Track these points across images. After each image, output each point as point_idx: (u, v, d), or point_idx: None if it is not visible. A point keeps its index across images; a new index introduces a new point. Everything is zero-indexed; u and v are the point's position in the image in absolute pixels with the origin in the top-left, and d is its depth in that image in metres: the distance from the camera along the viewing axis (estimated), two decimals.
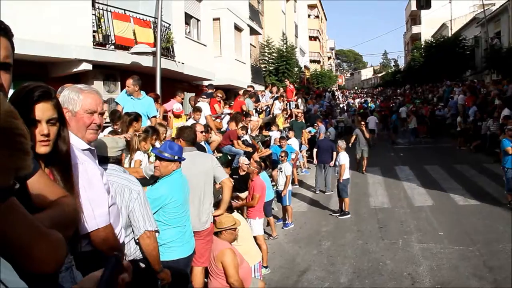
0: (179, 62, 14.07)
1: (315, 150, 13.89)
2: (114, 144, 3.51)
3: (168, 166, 4.36)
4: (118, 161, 3.57)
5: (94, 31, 10.88)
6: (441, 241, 8.65)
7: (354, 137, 16.45)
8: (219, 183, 5.43)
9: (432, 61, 36.74)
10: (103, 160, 3.37)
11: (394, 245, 8.62)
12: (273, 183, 10.81)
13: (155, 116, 8.00)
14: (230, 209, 6.62)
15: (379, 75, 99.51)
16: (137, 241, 3.43)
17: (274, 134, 14.08)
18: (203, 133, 8.16)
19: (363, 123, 16.88)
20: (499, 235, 8.76)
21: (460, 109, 22.92)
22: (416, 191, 12.78)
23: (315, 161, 13.81)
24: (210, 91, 12.65)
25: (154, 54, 11.45)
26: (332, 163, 12.72)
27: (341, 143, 11.73)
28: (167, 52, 13.51)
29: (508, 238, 8.57)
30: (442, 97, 28.86)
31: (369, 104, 37.79)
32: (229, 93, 18.66)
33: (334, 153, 12.52)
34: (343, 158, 11.19)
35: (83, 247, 2.58)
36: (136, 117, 6.52)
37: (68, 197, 1.86)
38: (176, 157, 4.36)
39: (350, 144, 15.27)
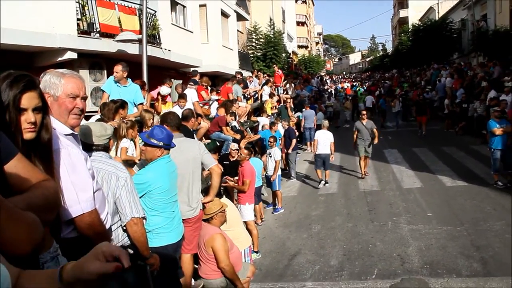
0: (165, 49, 13.93)
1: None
2: (102, 132, 3.48)
3: (153, 152, 4.32)
4: (106, 148, 3.54)
5: (78, 19, 10.71)
6: (429, 222, 8.75)
7: (355, 133, 13.11)
8: (208, 170, 5.40)
9: (419, 44, 36.78)
10: (90, 147, 3.35)
11: (384, 227, 8.69)
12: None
13: (142, 103, 7.94)
14: (218, 195, 6.64)
15: (367, 59, 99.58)
16: (125, 228, 3.42)
17: (263, 120, 14.06)
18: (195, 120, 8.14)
19: (364, 113, 13.67)
20: (486, 215, 8.88)
21: (448, 92, 23.01)
22: (404, 173, 12.88)
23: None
24: (195, 78, 12.55)
25: (140, 41, 11.32)
26: (290, 150, 13.15)
27: (325, 122, 13.61)
28: (153, 39, 13.37)
29: (495, 217, 8.69)
30: (429, 81, 28.91)
31: (358, 89, 37.83)
32: (217, 79, 18.57)
33: (294, 141, 13.15)
34: (318, 134, 12.83)
35: (68, 233, 2.57)
36: (122, 104, 6.46)
37: (49, 180, 1.85)
38: (161, 144, 4.32)
39: (353, 145, 13.23)
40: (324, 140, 12.44)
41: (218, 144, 10.50)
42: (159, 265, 3.58)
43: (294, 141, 13.11)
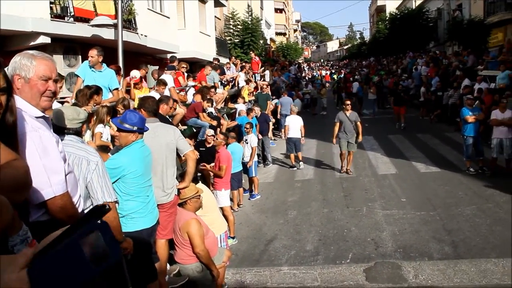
0: (141, 34, 13.74)
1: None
2: (75, 116, 3.43)
3: (127, 137, 4.28)
4: (78, 133, 3.49)
5: (51, 3, 10.46)
6: (403, 207, 8.90)
7: (337, 125, 11.93)
8: (183, 156, 5.38)
9: (396, 33, 37.04)
10: (62, 130, 3.30)
11: (359, 212, 8.82)
12: None
13: (117, 89, 7.83)
14: (194, 180, 6.63)
15: (345, 47, 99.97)
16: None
17: (240, 107, 14.03)
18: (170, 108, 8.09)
19: (348, 103, 12.15)
20: (458, 200, 9.08)
21: (423, 80, 23.30)
22: (380, 160, 13.04)
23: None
24: (173, 64, 12.44)
25: (115, 26, 11.14)
26: (270, 134, 13.94)
27: (294, 107, 14.17)
28: (129, 24, 13.17)
29: (466, 202, 8.90)
30: (406, 69, 29.26)
31: (334, 76, 38.06)
32: (194, 66, 18.43)
33: (270, 124, 13.99)
34: (288, 120, 13.36)
35: (39, 216, 2.53)
36: (97, 90, 6.38)
37: (18, 160, 1.81)
38: (135, 128, 4.28)
39: (334, 139, 12.16)
40: (294, 125, 13.08)
41: (195, 130, 10.45)
42: (132, 249, 3.57)
43: (270, 124, 13.64)
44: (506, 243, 6.87)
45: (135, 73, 10.25)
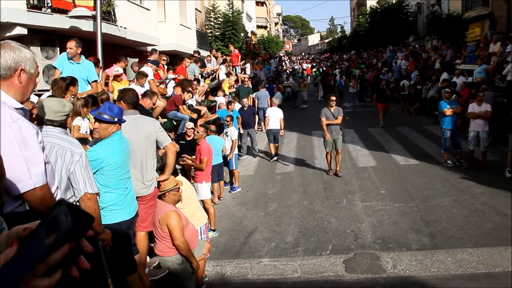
0: (121, 27, 13.57)
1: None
2: (60, 108, 3.41)
3: (108, 128, 4.24)
4: (62, 125, 3.47)
5: None
6: (382, 199, 9.01)
7: (324, 120, 10.94)
8: (163, 148, 5.35)
9: (377, 27, 37.22)
10: (45, 122, 3.29)
11: (338, 205, 8.90)
12: None
13: (96, 81, 7.74)
14: (174, 173, 6.60)
15: (326, 41, 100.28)
16: (78, 203, 3.36)
17: (220, 99, 14.01)
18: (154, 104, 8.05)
19: (333, 99, 11.15)
20: (436, 192, 9.23)
21: (403, 73, 23.53)
22: (360, 152, 13.15)
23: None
24: (153, 57, 12.30)
25: (94, 18, 10.97)
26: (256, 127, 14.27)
27: (275, 100, 14.63)
28: (108, 16, 12.97)
29: (444, 194, 9.05)
30: (386, 62, 29.48)
31: (314, 70, 38.22)
32: (175, 58, 18.29)
33: (256, 117, 14.28)
34: (268, 111, 13.54)
35: (16, 207, 2.51)
36: (72, 81, 6.29)
37: None
38: (115, 119, 4.25)
39: (327, 134, 10.91)
40: (274, 117, 13.24)
41: (175, 123, 10.40)
42: (111, 240, 3.55)
43: (256, 116, 13.98)
44: (481, 233, 7.04)
45: (118, 68, 10.15)
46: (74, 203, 3.37)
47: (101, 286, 3.48)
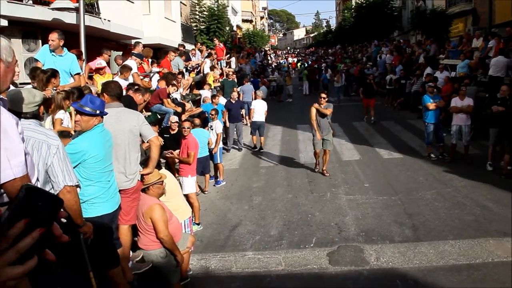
0: (104, 19, 13.41)
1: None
2: (31, 99, 3.34)
3: (90, 121, 4.19)
4: (35, 116, 3.41)
5: None
6: (366, 192, 9.07)
7: (313, 116, 10.35)
8: (147, 142, 5.31)
9: (362, 21, 37.34)
10: (18, 115, 3.21)
11: (323, 198, 8.94)
12: None
13: (78, 74, 7.66)
14: (157, 166, 6.57)
15: (311, 35, 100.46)
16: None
17: (205, 93, 13.95)
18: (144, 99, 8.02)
19: (324, 96, 10.49)
20: (419, 185, 9.33)
21: (388, 68, 23.69)
22: (344, 146, 13.21)
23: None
24: (137, 50, 12.19)
25: (77, 10, 10.83)
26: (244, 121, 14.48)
27: (259, 93, 14.97)
28: (92, 8, 12.80)
29: (426, 187, 9.14)
30: (370, 57, 29.63)
31: (299, 64, 38.29)
32: (159, 52, 18.16)
33: (243, 110, 14.43)
34: (254, 104, 13.96)
35: None
36: (53, 73, 6.21)
37: None
38: (97, 112, 4.20)
39: (318, 134, 10.20)
40: (259, 109, 13.66)
41: (159, 116, 10.34)
42: (92, 233, 3.52)
43: (243, 110, 14.13)
44: (463, 225, 7.14)
45: (101, 61, 10.02)
46: None
47: (83, 279, 3.46)
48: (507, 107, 9.56)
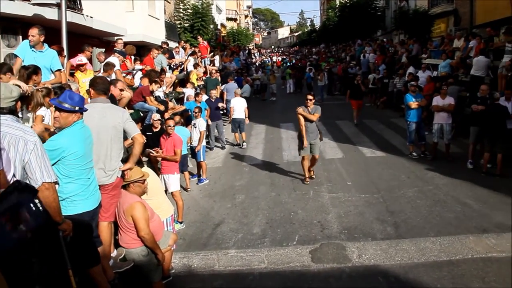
0: (87, 16, 13.26)
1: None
2: (7, 94, 3.28)
3: (69, 117, 4.13)
4: (12, 111, 3.35)
5: None
6: (349, 190, 9.12)
7: (301, 121, 9.67)
8: (131, 139, 5.25)
9: (345, 21, 37.51)
10: None
11: (305, 196, 8.95)
12: None
13: (59, 70, 7.55)
14: (140, 163, 6.51)
15: (296, 34, 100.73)
16: None
17: (188, 91, 13.89)
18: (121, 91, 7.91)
19: (310, 98, 9.87)
20: (401, 183, 9.40)
21: (371, 67, 23.84)
22: (327, 144, 13.22)
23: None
24: (119, 47, 12.06)
25: (58, 6, 10.68)
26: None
27: (237, 90, 15.03)
28: (74, 4, 12.64)
29: (408, 185, 9.22)
30: (354, 56, 29.75)
31: (282, 63, 38.41)
32: (143, 50, 18.01)
33: (221, 104, 14.19)
34: (233, 102, 14.09)
35: None
36: (35, 70, 6.12)
37: None
38: (76, 108, 4.14)
39: (305, 141, 9.54)
40: (238, 106, 13.84)
41: (142, 114, 10.26)
42: (71, 231, 3.47)
43: (221, 104, 14.05)
44: (443, 222, 7.24)
45: (82, 58, 9.89)
46: None
47: (62, 277, 3.41)
48: (486, 106, 9.69)
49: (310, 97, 9.94)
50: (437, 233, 6.83)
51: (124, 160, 5.32)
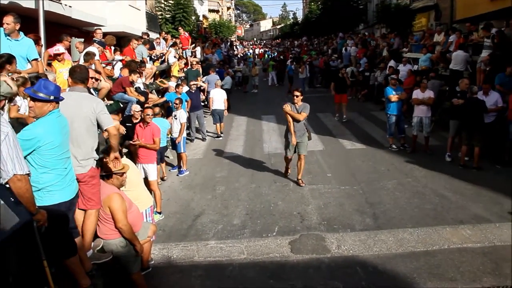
0: (65, 5, 13.02)
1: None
2: None
3: (44, 107, 4.04)
4: None
5: None
6: (329, 182, 9.17)
7: (289, 118, 9.23)
8: (104, 131, 5.16)
9: (328, 14, 37.60)
10: None
11: (286, 187, 8.98)
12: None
13: (36, 59, 7.39)
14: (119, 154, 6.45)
15: (278, 26, 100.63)
16: (7, 185, 3.20)
17: (170, 83, 13.78)
18: (92, 79, 7.81)
19: (297, 94, 9.37)
20: (380, 175, 9.49)
21: (352, 60, 23.94)
22: None
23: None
24: (99, 37, 11.87)
25: None
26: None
27: (218, 82, 14.97)
28: None
29: (388, 177, 9.31)
30: (336, 49, 29.84)
31: (266, 55, 38.36)
32: (123, 40, 17.79)
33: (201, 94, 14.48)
34: (212, 93, 14.20)
35: None
36: (9, 59, 5.97)
37: None
38: (52, 97, 4.05)
39: (293, 138, 9.04)
40: (218, 97, 13.95)
41: (122, 105, 10.14)
42: (46, 221, 3.42)
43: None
44: (421, 214, 7.34)
45: (59, 47, 9.70)
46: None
47: (37, 268, 3.36)
48: (466, 100, 9.81)
49: (297, 93, 9.36)
50: (415, 224, 6.92)
51: (103, 152, 5.26)
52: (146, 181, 7.81)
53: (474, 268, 5.59)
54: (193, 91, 13.50)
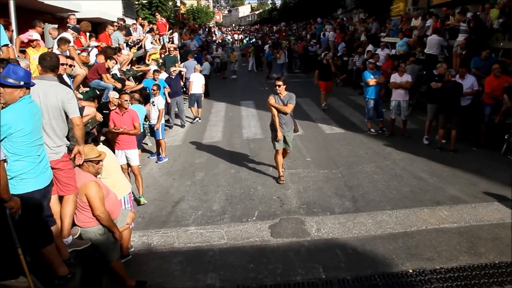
0: None
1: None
2: None
3: (14, 93, 3.92)
4: None
5: None
6: (308, 166, 9.21)
7: (274, 111, 8.35)
8: (70, 119, 5.01)
9: None
10: None
11: (265, 172, 8.99)
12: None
13: (7, 45, 7.19)
14: (95, 142, 6.36)
15: (257, 12, 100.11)
16: None
17: (151, 66, 13.64)
18: (64, 66, 7.64)
19: (279, 84, 8.38)
20: (359, 158, 9.56)
21: (330, 45, 23.95)
22: None
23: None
24: (73, 22, 11.60)
25: None
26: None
27: (197, 66, 15.03)
28: None
29: (366, 160, 9.38)
30: (314, 34, 29.81)
31: (244, 41, 38.15)
32: (99, 27, 17.45)
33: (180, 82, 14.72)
34: (192, 77, 14.35)
35: None
36: None
37: None
38: (21, 83, 3.93)
39: (279, 132, 8.26)
40: (197, 82, 14.23)
41: (98, 92, 9.97)
42: (19, 208, 3.34)
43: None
44: (399, 196, 7.44)
45: (32, 33, 9.45)
46: None
47: (11, 255, 3.29)
48: (444, 83, 9.89)
49: (279, 82, 8.39)
50: (393, 206, 7.01)
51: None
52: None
53: (451, 247, 5.70)
54: (173, 77, 13.35)
